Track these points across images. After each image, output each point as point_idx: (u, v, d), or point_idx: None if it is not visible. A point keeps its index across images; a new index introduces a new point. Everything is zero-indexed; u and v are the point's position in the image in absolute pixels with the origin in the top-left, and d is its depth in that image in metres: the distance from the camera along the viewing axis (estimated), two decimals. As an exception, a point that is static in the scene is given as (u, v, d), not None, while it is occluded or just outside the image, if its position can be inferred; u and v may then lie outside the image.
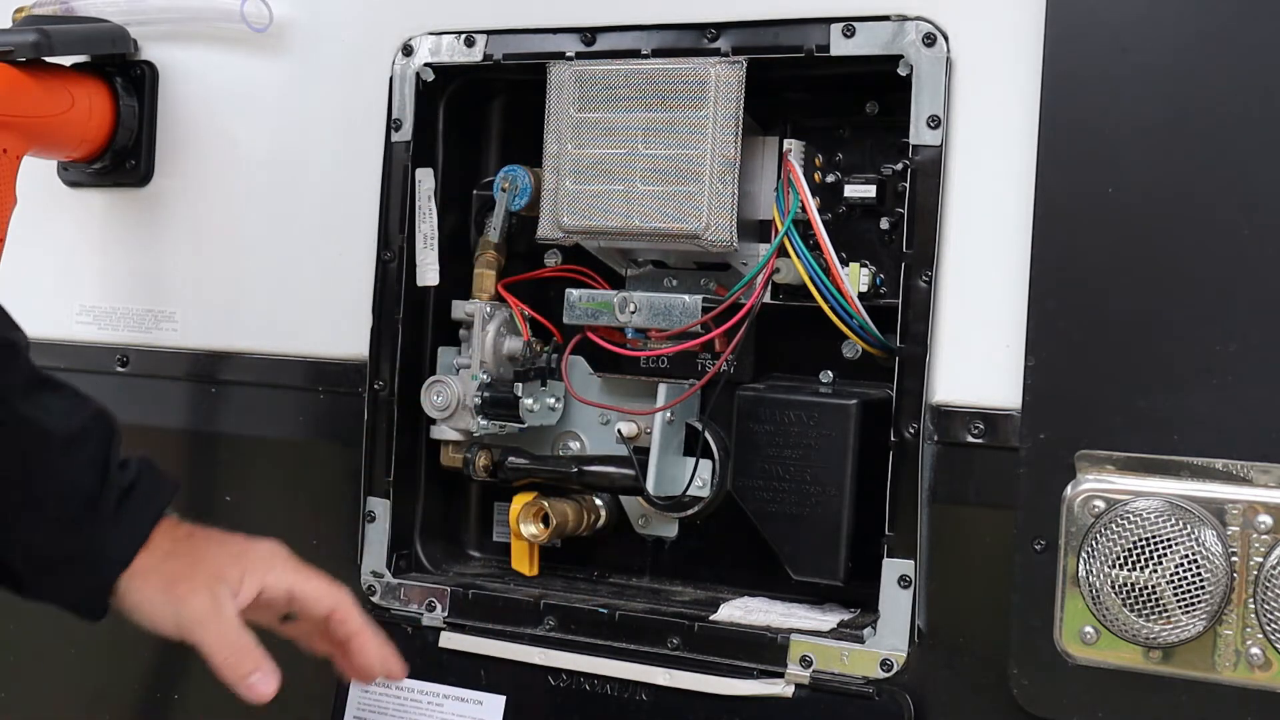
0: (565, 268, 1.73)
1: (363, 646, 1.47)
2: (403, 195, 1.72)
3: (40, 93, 1.78)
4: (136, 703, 1.89)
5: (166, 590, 1.40)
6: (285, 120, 1.81)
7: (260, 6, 1.79)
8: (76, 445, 1.41)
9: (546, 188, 1.63)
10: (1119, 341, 1.38)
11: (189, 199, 1.86)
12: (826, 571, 1.56)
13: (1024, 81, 1.44)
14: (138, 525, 1.41)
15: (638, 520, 1.73)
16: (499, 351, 1.69)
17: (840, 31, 1.52)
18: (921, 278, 1.48)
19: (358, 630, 1.47)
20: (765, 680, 1.53)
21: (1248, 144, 1.34)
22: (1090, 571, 1.36)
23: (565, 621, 1.62)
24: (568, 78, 1.61)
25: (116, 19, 1.85)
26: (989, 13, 1.47)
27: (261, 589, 1.44)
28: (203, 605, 1.40)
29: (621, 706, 1.58)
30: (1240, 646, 1.33)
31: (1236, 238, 1.35)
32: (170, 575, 1.41)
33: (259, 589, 1.44)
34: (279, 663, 1.77)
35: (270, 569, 1.45)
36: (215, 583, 1.41)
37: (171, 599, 1.40)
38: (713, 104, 1.55)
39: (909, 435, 1.48)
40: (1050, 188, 1.41)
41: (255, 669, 1.40)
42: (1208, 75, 1.36)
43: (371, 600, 1.71)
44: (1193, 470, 1.36)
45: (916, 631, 1.48)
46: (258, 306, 1.82)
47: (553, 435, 1.74)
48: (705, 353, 1.64)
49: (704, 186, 1.55)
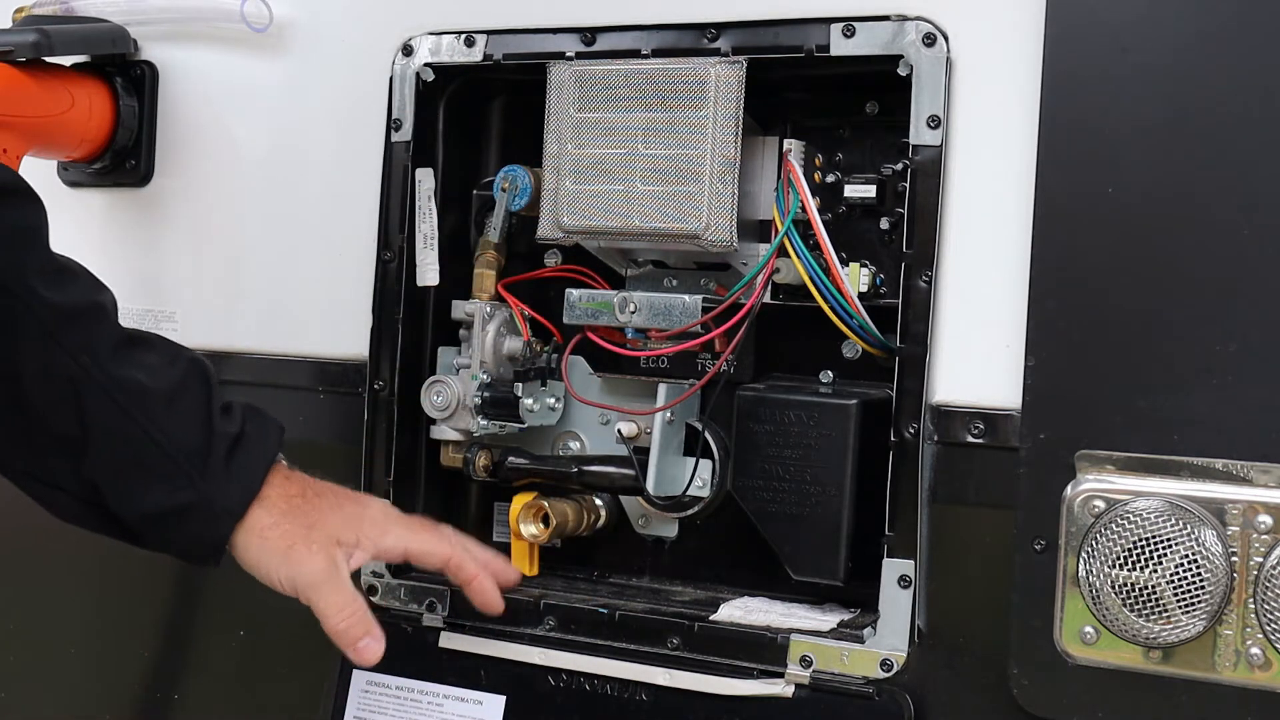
0: (565, 268, 1.73)
1: (480, 589, 1.54)
2: (403, 195, 1.72)
3: (40, 93, 1.78)
4: (136, 703, 1.89)
5: (284, 553, 1.45)
6: (285, 120, 1.81)
7: (260, 6, 1.79)
8: (177, 399, 1.44)
9: (546, 188, 1.63)
10: (1119, 341, 1.38)
11: (189, 199, 1.87)
12: (826, 571, 1.56)
13: (1024, 81, 1.44)
14: (249, 476, 1.45)
15: (638, 520, 1.73)
16: (499, 351, 1.69)
17: (840, 31, 1.52)
18: (921, 278, 1.48)
19: (473, 576, 1.53)
20: (765, 680, 1.53)
21: (1248, 144, 1.34)
22: (1090, 571, 1.36)
23: (565, 621, 1.62)
24: (568, 78, 1.61)
25: (116, 19, 1.85)
26: (989, 13, 1.47)
27: (379, 552, 1.50)
28: (320, 569, 1.45)
29: (621, 706, 1.58)
30: (1240, 646, 1.33)
31: (1236, 238, 1.35)
32: (287, 536, 1.45)
33: (374, 553, 1.50)
34: (282, 661, 1.78)
35: (385, 533, 1.50)
36: (332, 546, 1.46)
37: (289, 561, 1.45)
38: (713, 104, 1.55)
39: (909, 435, 1.48)
40: (1050, 188, 1.41)
41: (366, 634, 1.46)
42: (1208, 75, 1.36)
43: (372, 600, 1.71)
44: (1193, 470, 1.36)
45: (916, 631, 1.48)
46: (258, 306, 1.82)
47: (553, 435, 1.74)
48: (705, 353, 1.64)
49: (704, 186, 1.55)
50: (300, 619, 1.77)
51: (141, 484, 1.43)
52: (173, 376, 1.45)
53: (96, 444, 1.42)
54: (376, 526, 1.50)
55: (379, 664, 1.59)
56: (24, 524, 1.95)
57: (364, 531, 1.49)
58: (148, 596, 1.88)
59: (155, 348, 1.48)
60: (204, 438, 1.44)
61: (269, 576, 1.46)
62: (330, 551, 1.46)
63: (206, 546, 1.46)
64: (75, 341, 1.41)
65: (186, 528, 1.45)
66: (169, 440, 1.43)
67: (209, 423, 1.45)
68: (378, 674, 1.60)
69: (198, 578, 1.86)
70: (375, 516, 1.51)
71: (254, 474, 1.46)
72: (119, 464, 1.43)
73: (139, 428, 1.42)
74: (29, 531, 1.94)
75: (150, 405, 1.43)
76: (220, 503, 1.44)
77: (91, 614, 1.92)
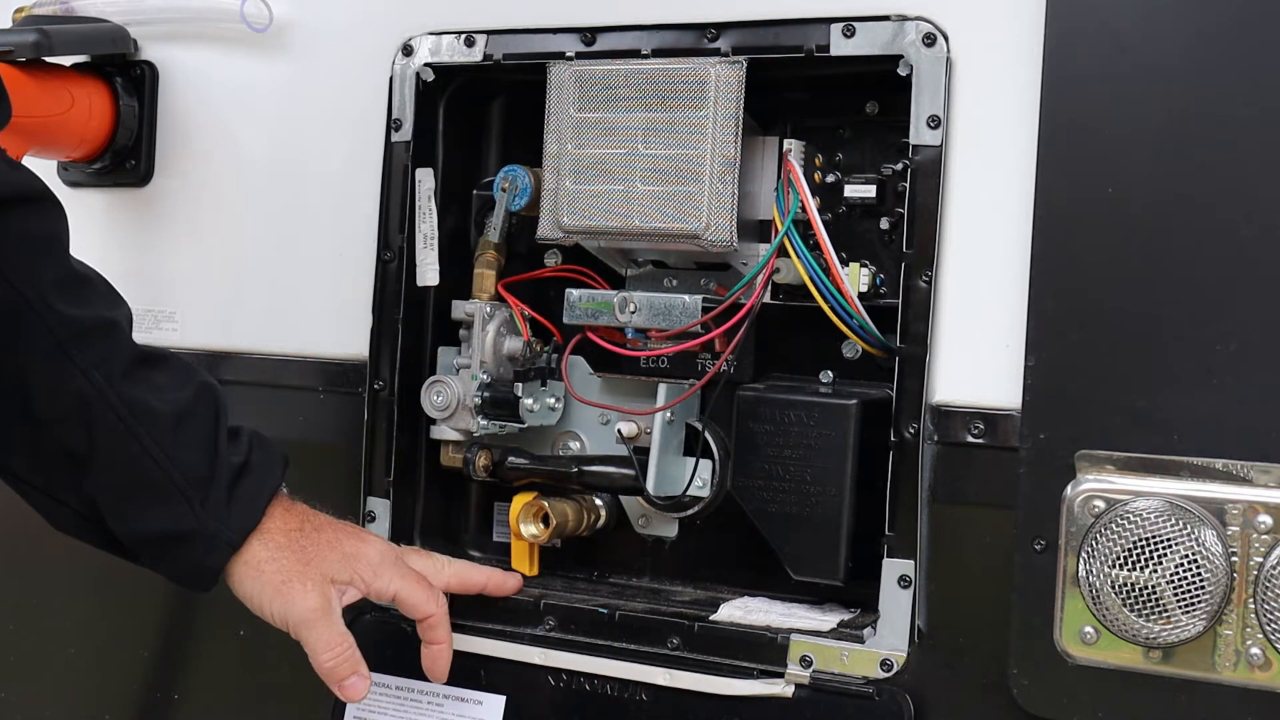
0: (565, 268, 1.73)
1: (434, 657, 1.56)
2: (403, 195, 1.72)
3: (40, 93, 1.78)
4: (136, 703, 1.89)
5: (278, 588, 1.46)
6: (285, 120, 1.81)
7: (260, 6, 1.79)
8: (185, 423, 1.45)
9: (546, 188, 1.63)
10: (1119, 341, 1.38)
11: (189, 199, 1.87)
12: (826, 571, 1.56)
13: (1024, 81, 1.44)
14: (250, 508, 1.46)
15: (638, 520, 1.73)
16: (499, 351, 1.69)
17: (840, 31, 1.52)
18: (921, 278, 1.48)
19: (438, 640, 1.56)
20: (765, 680, 1.53)
21: (1248, 144, 1.34)
22: (1090, 571, 1.36)
23: (565, 621, 1.62)
24: (568, 78, 1.61)
25: (116, 19, 1.85)
26: (989, 13, 1.47)
27: (370, 594, 1.52)
28: (312, 608, 1.47)
29: (621, 706, 1.58)
30: (1240, 646, 1.33)
31: (1236, 238, 1.34)
32: (283, 572, 1.46)
33: (365, 594, 1.52)
34: (282, 661, 1.77)
35: (377, 576, 1.52)
36: (325, 585, 1.48)
37: (282, 597, 1.46)
38: (713, 104, 1.55)
39: (909, 435, 1.48)
40: (1050, 188, 1.41)
41: (353, 672, 1.49)
42: (1208, 75, 1.36)
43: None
44: (1193, 470, 1.36)
45: (916, 631, 1.48)
46: (258, 306, 1.82)
47: (553, 435, 1.74)
48: (705, 353, 1.64)
49: (704, 186, 1.55)
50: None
51: (141, 506, 1.43)
52: (182, 400, 1.45)
53: (100, 462, 1.42)
54: (371, 568, 1.52)
55: (379, 664, 1.59)
56: (24, 526, 1.95)
57: (358, 571, 1.51)
58: (147, 597, 1.88)
59: (168, 368, 1.48)
60: (208, 465, 1.44)
61: (262, 610, 1.48)
62: (324, 590, 1.48)
63: (201, 574, 1.47)
64: (88, 358, 1.41)
65: (183, 554, 1.45)
66: (173, 465, 1.43)
67: (215, 450, 1.45)
68: (378, 674, 1.60)
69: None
70: (371, 558, 1.52)
71: (255, 506, 1.47)
72: (121, 484, 1.43)
73: (144, 450, 1.42)
74: (29, 533, 1.94)
75: (157, 428, 1.43)
76: (219, 533, 1.45)
77: (91, 615, 1.92)
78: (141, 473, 1.42)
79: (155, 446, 1.42)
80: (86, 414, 1.41)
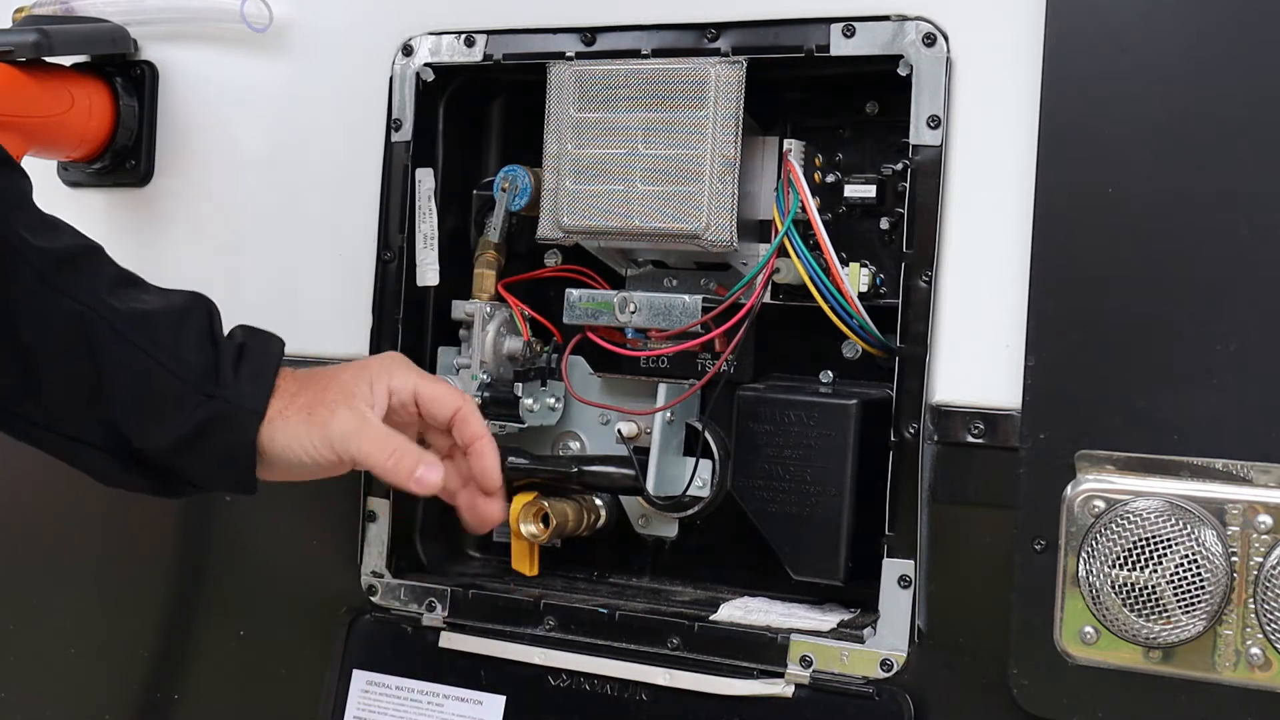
0: (565, 268, 1.73)
1: (481, 451, 1.47)
2: (403, 195, 1.72)
3: (40, 93, 1.78)
4: (136, 703, 1.89)
5: (307, 420, 1.42)
6: (285, 120, 1.81)
7: (260, 6, 1.79)
8: (183, 323, 1.43)
9: (546, 188, 1.63)
10: (1119, 341, 1.38)
11: (189, 199, 1.87)
12: (826, 571, 1.56)
13: (1024, 81, 1.44)
14: (261, 377, 1.44)
15: (638, 520, 1.73)
16: (499, 351, 1.69)
17: (840, 31, 1.52)
18: (921, 278, 1.48)
19: (478, 434, 1.47)
20: (765, 680, 1.53)
21: (1248, 144, 1.34)
22: (1090, 571, 1.36)
23: (565, 621, 1.62)
24: (568, 78, 1.61)
25: (116, 19, 1.85)
26: (989, 13, 1.47)
27: (390, 392, 1.46)
28: (348, 419, 1.42)
29: (621, 706, 1.58)
30: (1240, 646, 1.33)
31: (1236, 238, 1.35)
32: (305, 406, 1.43)
33: (388, 392, 1.45)
34: (282, 661, 1.77)
35: (393, 374, 1.47)
36: (350, 398, 1.43)
37: (315, 425, 1.42)
38: (713, 104, 1.55)
39: (909, 435, 1.48)
40: (1050, 188, 1.41)
41: (419, 462, 1.42)
42: (1207, 75, 1.36)
43: (372, 600, 1.71)
44: (1193, 470, 1.36)
45: (916, 631, 1.48)
46: (258, 306, 1.82)
47: (553, 435, 1.74)
48: (705, 353, 1.64)
49: (704, 186, 1.55)
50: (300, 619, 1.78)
51: (162, 414, 1.42)
52: (175, 303, 1.45)
53: (111, 384, 1.41)
54: (384, 370, 1.47)
55: (379, 664, 1.59)
56: (25, 526, 1.95)
57: (373, 376, 1.46)
58: (148, 597, 1.88)
59: (151, 288, 1.48)
60: (213, 355, 1.43)
61: (302, 450, 1.43)
62: (351, 403, 1.43)
63: (238, 455, 1.43)
64: (74, 282, 1.40)
65: (214, 441, 1.42)
66: (181, 365, 1.42)
67: (214, 341, 1.44)
68: (377, 674, 1.60)
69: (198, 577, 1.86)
70: (382, 362, 1.49)
71: (265, 374, 1.44)
72: (137, 399, 1.41)
73: (149, 357, 1.41)
74: (29, 533, 1.94)
75: (157, 333, 1.42)
76: (241, 406, 1.42)
77: (91, 615, 1.92)
78: (154, 382, 1.41)
79: (158, 350, 1.41)
80: (85, 336, 1.40)
